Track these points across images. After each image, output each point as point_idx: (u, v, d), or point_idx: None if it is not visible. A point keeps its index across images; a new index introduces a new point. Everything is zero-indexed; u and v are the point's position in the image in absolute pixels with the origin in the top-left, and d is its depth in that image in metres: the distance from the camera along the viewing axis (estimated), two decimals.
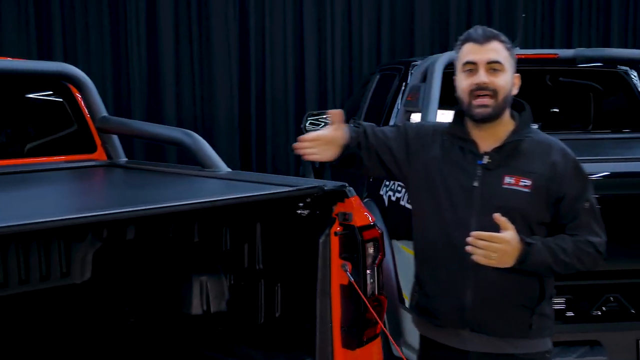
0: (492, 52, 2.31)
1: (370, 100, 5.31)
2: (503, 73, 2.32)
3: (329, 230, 2.65)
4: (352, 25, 8.31)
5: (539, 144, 2.36)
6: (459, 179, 2.35)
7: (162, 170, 3.35)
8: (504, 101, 2.33)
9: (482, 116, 2.32)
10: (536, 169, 2.30)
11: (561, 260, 2.25)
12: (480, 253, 2.20)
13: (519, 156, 2.33)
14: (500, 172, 2.32)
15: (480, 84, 2.29)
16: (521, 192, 2.29)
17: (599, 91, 4.98)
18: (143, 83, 7.77)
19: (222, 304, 3.16)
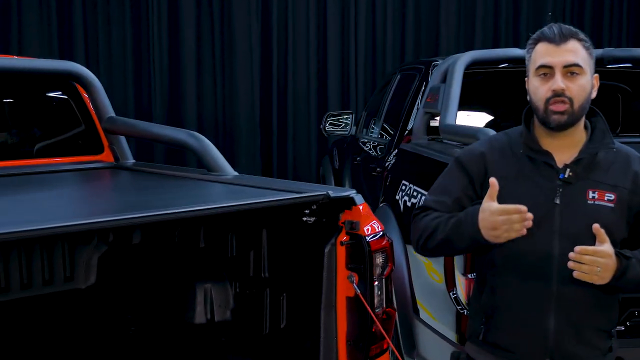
0: (570, 54, 2.10)
1: (391, 101, 5.18)
2: (581, 77, 2.10)
3: (335, 240, 2.54)
4: (376, 24, 8.20)
5: (618, 153, 2.18)
6: (537, 196, 2.14)
7: (168, 173, 3.25)
8: (582, 107, 2.12)
9: (558, 123, 2.11)
10: (619, 181, 2.13)
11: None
12: (585, 269, 2.02)
13: (599, 168, 2.15)
14: (582, 186, 2.13)
15: (557, 91, 2.09)
16: (606, 207, 2.11)
17: (628, 93, 4.79)
18: (164, 83, 7.74)
19: (227, 313, 3.05)
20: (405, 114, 4.57)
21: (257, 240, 2.90)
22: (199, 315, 3.06)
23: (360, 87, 8.19)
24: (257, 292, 2.92)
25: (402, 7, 8.22)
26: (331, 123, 6.02)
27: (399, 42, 8.26)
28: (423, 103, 4.27)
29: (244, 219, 2.88)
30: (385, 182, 4.28)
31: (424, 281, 3.43)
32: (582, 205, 2.12)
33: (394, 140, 4.56)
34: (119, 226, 2.33)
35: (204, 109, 7.87)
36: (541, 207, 2.12)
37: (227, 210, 2.41)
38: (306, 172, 8.13)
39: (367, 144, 5.31)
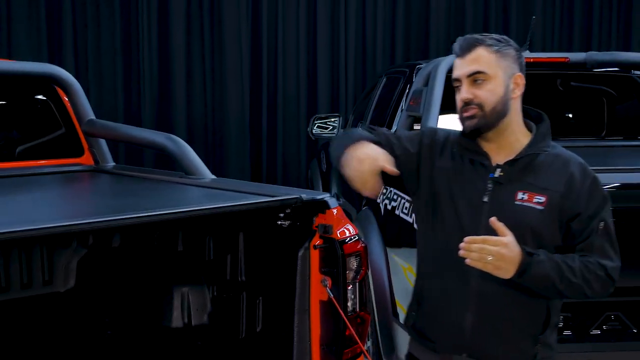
0: (473, 63, 2.13)
1: (376, 104, 5.18)
2: (488, 82, 2.13)
3: (309, 244, 2.53)
4: (366, 27, 8.19)
5: (557, 158, 2.19)
6: (468, 193, 2.19)
7: (147, 176, 3.25)
8: (495, 110, 2.14)
9: (470, 128, 2.15)
10: (552, 185, 2.13)
11: (567, 278, 2.06)
12: (474, 256, 2.02)
13: (535, 171, 2.16)
14: (513, 187, 2.15)
15: (464, 100, 2.14)
16: (534, 209, 2.12)
17: (613, 96, 4.80)
18: (154, 86, 7.73)
19: (204, 317, 3.04)
20: (390, 117, 4.57)
21: (233, 243, 2.90)
22: (176, 319, 3.05)
23: (350, 90, 8.18)
24: (234, 296, 2.91)
25: (392, 10, 8.22)
26: (319, 126, 6.02)
27: (388, 44, 8.26)
28: (406, 106, 4.27)
29: (221, 222, 2.88)
30: None
31: (404, 284, 3.43)
32: (510, 205, 2.13)
33: None
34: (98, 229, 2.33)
35: (194, 112, 7.86)
36: (471, 205, 2.17)
37: (201, 214, 2.42)
38: (295, 175, 8.12)
39: None
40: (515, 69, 2.18)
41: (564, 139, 4.43)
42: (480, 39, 2.17)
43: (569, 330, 2.98)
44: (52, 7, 7.26)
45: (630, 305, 2.94)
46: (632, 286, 2.96)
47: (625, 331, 2.94)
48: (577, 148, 2.24)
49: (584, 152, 2.28)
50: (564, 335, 2.98)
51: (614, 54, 4.45)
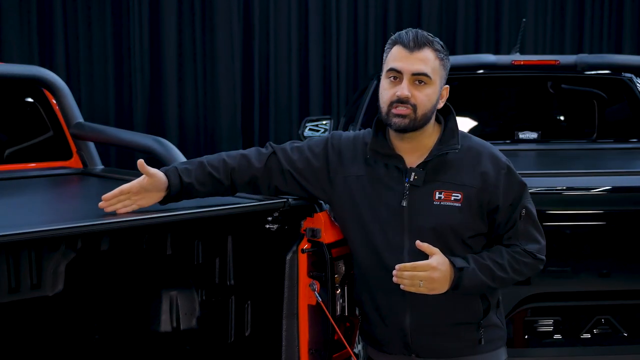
0: (420, 63, 2.13)
1: (367, 106, 5.16)
2: (428, 87, 2.15)
3: (296, 247, 2.52)
4: (358, 29, 8.19)
5: (468, 151, 2.20)
6: (386, 199, 2.20)
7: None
8: (424, 116, 2.16)
9: (398, 126, 2.16)
10: (466, 180, 2.16)
11: (498, 276, 2.14)
12: (406, 283, 2.09)
13: (448, 168, 2.18)
14: (429, 188, 2.17)
15: (402, 97, 2.13)
16: (452, 207, 2.15)
17: (603, 99, 4.80)
18: (145, 89, 7.71)
19: (193, 321, 3.03)
20: None
21: (222, 247, 2.88)
22: (164, 323, 3.03)
23: (343, 92, 8.17)
24: (223, 300, 2.90)
25: (384, 12, 8.22)
26: (310, 128, 6.00)
27: (380, 46, 8.25)
28: None
29: (209, 225, 2.86)
30: None
31: None
32: (428, 206, 2.16)
33: None
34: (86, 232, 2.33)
35: (185, 114, 7.84)
36: (391, 210, 2.19)
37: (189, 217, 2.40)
38: None
39: None
40: (445, 81, 2.21)
41: (555, 141, 4.44)
42: (431, 40, 2.17)
43: (559, 334, 2.98)
44: (43, 9, 7.23)
45: (620, 308, 2.94)
46: (622, 290, 2.96)
47: (615, 335, 2.93)
48: (568, 151, 2.24)
49: (575, 155, 2.28)
50: (554, 339, 2.98)
51: (604, 57, 4.47)
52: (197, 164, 2.32)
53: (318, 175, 2.31)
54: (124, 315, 3.21)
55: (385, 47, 2.23)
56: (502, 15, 8.35)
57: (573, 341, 2.98)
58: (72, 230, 2.15)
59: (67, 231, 2.13)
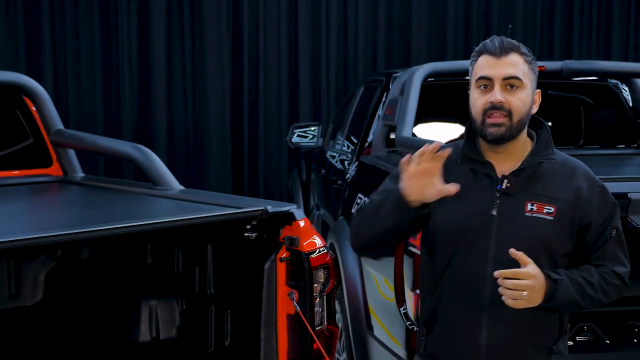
0: (510, 67, 2.06)
1: (354, 113, 5.15)
2: (521, 90, 2.07)
3: (275, 256, 2.49)
4: (348, 35, 8.17)
5: (562, 166, 2.14)
6: (475, 206, 2.11)
7: (116, 187, 3.20)
8: (520, 122, 2.09)
9: (495, 136, 2.07)
10: (560, 194, 2.09)
11: (588, 295, 2.08)
12: (509, 294, 1.99)
13: (541, 180, 2.11)
14: (521, 198, 2.09)
15: (495, 103, 2.05)
16: (544, 220, 2.07)
17: (590, 105, 4.79)
18: (134, 94, 7.67)
19: (173, 331, 2.99)
20: (366, 126, 4.54)
21: (202, 256, 2.85)
22: (144, 333, 2.99)
23: (332, 99, 8.15)
24: (203, 309, 2.86)
25: (374, 18, 8.20)
26: (298, 135, 5.97)
27: (370, 53, 8.24)
28: (382, 115, 4.24)
29: (189, 234, 2.83)
30: (343, 194, 4.24)
31: (378, 297, 3.39)
32: (520, 217, 2.08)
33: (355, 153, 4.53)
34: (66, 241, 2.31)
35: (174, 120, 7.81)
36: (479, 218, 2.10)
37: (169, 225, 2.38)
38: (277, 184, 8.07)
39: (332, 156, 5.27)
40: (536, 85, 2.15)
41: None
42: (517, 44, 2.12)
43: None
44: (30, 14, 7.20)
45: (602, 316, 2.91)
46: None
47: (598, 342, 2.91)
48: None
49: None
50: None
51: (590, 63, 4.45)
52: None
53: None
54: (103, 324, 3.17)
55: (470, 60, 2.16)
56: (492, 22, 8.34)
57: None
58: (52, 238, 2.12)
59: (46, 240, 2.11)
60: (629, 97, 4.53)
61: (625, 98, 4.54)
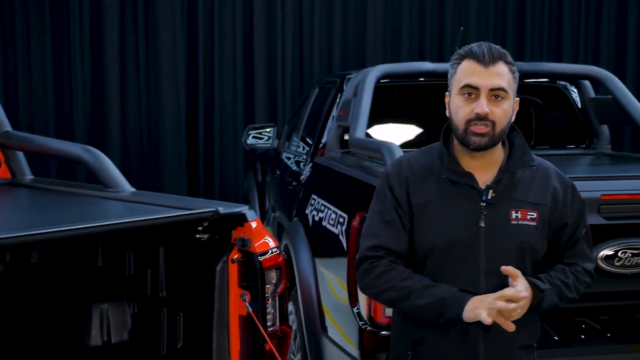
0: (498, 77, 2.02)
1: (309, 114, 5.15)
2: (505, 101, 2.05)
3: (227, 257, 2.49)
4: (304, 35, 8.17)
5: (537, 170, 2.14)
6: (461, 219, 2.08)
7: (66, 190, 3.15)
8: (502, 132, 2.07)
9: (478, 145, 2.05)
10: (540, 199, 2.11)
11: (566, 296, 2.16)
12: (502, 322, 2.01)
13: (520, 186, 2.10)
14: (505, 206, 2.09)
15: (481, 115, 2.02)
16: (529, 226, 2.09)
17: (540, 106, 4.87)
18: (87, 95, 7.59)
19: (124, 335, 2.96)
20: (321, 128, 4.55)
21: (154, 258, 2.83)
22: (95, 337, 2.95)
23: (288, 100, 8.15)
24: (155, 312, 2.84)
25: (329, 20, 8.22)
26: (254, 136, 5.95)
27: (326, 53, 8.26)
28: (336, 116, 4.26)
29: (141, 236, 2.80)
30: (298, 196, 4.25)
31: (331, 297, 3.40)
32: (506, 225, 2.09)
33: (309, 154, 4.54)
34: (15, 244, 2.26)
35: (128, 121, 7.74)
36: (467, 231, 2.08)
37: (120, 227, 2.35)
38: (233, 185, 8.04)
39: (287, 157, 5.27)
40: (516, 93, 2.13)
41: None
42: (503, 52, 2.08)
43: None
44: None
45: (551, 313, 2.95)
46: None
47: (547, 339, 2.96)
48: None
49: None
50: None
51: (540, 65, 4.52)
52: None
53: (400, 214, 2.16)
54: (53, 329, 3.12)
55: (451, 62, 2.12)
56: (446, 24, 8.43)
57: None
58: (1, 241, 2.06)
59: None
60: (577, 99, 4.63)
61: (574, 99, 4.63)
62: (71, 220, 2.43)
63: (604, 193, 2.88)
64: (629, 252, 2.90)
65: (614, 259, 2.89)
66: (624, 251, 2.89)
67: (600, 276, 2.90)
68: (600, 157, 4.35)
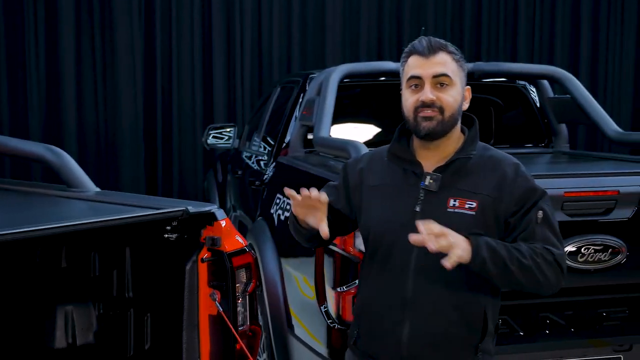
0: (439, 65, 2.12)
1: (271, 114, 5.15)
2: (451, 87, 2.12)
3: (196, 257, 2.47)
4: (262, 35, 8.15)
5: (489, 160, 2.16)
6: (400, 203, 2.17)
7: (27, 190, 3.09)
8: (452, 117, 2.13)
9: (428, 130, 2.12)
10: (483, 189, 2.12)
11: (516, 258, 2.03)
12: (435, 242, 1.97)
13: (465, 176, 2.14)
14: (444, 194, 2.13)
15: (426, 101, 2.10)
16: (466, 215, 2.11)
17: (500, 106, 4.94)
18: (42, 93, 7.47)
19: (90, 336, 2.91)
20: (284, 127, 4.55)
21: (120, 258, 2.79)
22: (59, 339, 2.90)
23: (247, 100, 8.11)
24: (121, 313, 2.81)
25: (288, 19, 8.21)
26: (214, 136, 5.92)
27: (285, 53, 8.25)
28: (299, 115, 4.26)
29: (106, 236, 2.77)
30: (262, 195, 4.24)
31: (298, 296, 3.40)
32: (442, 213, 2.11)
33: (272, 153, 4.53)
34: None
35: (85, 120, 7.63)
36: (402, 215, 2.15)
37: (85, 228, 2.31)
38: (192, 186, 7.98)
39: (248, 157, 5.26)
40: (465, 82, 2.20)
41: None
42: (444, 43, 2.17)
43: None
44: None
45: (517, 308, 3.01)
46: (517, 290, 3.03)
47: (512, 334, 3.00)
48: None
49: None
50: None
51: (500, 65, 4.58)
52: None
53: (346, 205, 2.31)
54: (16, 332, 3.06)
55: (400, 62, 2.22)
56: (403, 24, 8.49)
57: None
58: None
59: None
60: (536, 98, 4.70)
61: (533, 99, 4.71)
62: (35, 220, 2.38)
63: (567, 190, 2.94)
64: (591, 249, 2.96)
65: (577, 255, 2.95)
66: (587, 247, 2.96)
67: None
68: (559, 155, 4.43)
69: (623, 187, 2.97)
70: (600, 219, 2.98)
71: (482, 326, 2.16)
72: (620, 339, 3.06)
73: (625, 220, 2.98)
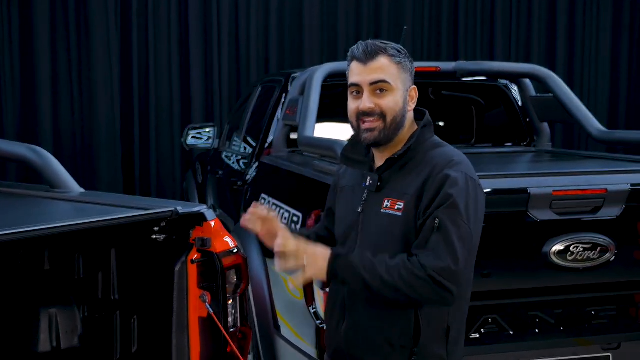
0: (377, 72, 2.08)
1: (252, 114, 5.11)
2: (391, 93, 2.09)
3: (186, 258, 2.43)
4: (240, 36, 8.11)
5: (429, 158, 2.10)
6: (350, 204, 2.21)
7: (9, 191, 3.03)
8: (394, 122, 2.11)
9: (370, 141, 2.13)
10: (409, 189, 2.08)
11: (379, 276, 1.97)
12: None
13: (402, 175, 2.12)
14: (382, 194, 2.13)
15: (365, 110, 2.09)
16: (394, 216, 2.09)
17: (481, 105, 4.95)
18: (16, 93, 7.37)
19: (75, 340, 2.87)
20: (266, 127, 4.51)
21: (105, 260, 2.75)
22: (43, 342, 2.85)
23: (225, 100, 8.07)
24: (107, 316, 2.76)
25: (266, 20, 8.18)
26: (193, 136, 5.87)
27: (262, 54, 8.22)
28: (282, 115, 4.23)
29: (91, 238, 2.72)
30: (245, 195, 4.20)
31: (285, 297, 3.38)
32: (377, 214, 2.13)
33: (255, 153, 4.50)
34: None
35: (61, 122, 7.55)
36: (351, 216, 2.21)
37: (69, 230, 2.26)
38: (171, 186, 7.92)
39: (229, 157, 5.22)
40: (410, 82, 2.16)
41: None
42: (383, 47, 2.11)
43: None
44: None
45: (506, 307, 3.01)
46: (506, 289, 3.03)
47: (502, 333, 3.00)
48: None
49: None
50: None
51: (481, 64, 4.60)
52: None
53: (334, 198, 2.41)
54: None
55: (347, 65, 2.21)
56: (382, 24, 8.50)
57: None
58: None
59: None
60: (518, 97, 4.72)
61: (515, 98, 4.72)
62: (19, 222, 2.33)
63: (556, 189, 2.94)
64: (580, 247, 2.97)
65: (566, 254, 2.96)
66: (575, 246, 2.96)
67: (553, 271, 2.97)
68: (542, 154, 4.45)
69: (611, 186, 2.98)
70: (588, 217, 2.99)
71: (414, 331, 2.08)
72: (609, 337, 3.08)
73: (613, 218, 2.99)
